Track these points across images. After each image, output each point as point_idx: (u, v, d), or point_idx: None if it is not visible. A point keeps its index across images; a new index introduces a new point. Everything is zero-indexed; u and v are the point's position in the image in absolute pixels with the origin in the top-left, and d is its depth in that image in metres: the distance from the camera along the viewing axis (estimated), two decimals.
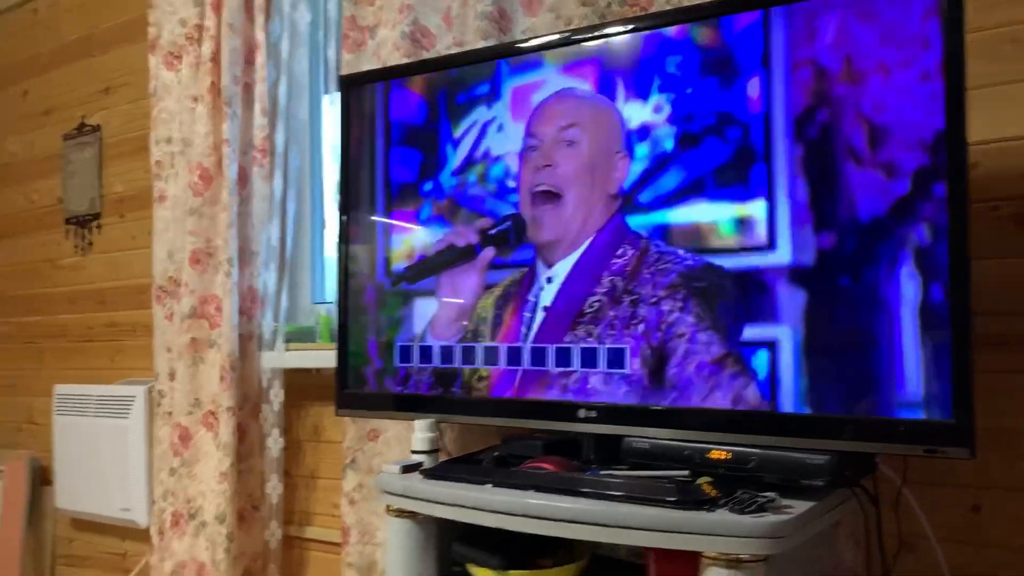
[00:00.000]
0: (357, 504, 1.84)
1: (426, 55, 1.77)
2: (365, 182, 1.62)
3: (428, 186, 1.52)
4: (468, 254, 1.45)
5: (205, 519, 2.08)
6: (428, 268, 1.50)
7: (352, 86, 1.63)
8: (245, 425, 2.08)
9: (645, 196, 1.28)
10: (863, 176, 1.12)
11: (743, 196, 1.21)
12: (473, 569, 1.27)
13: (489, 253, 1.43)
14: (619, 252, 1.29)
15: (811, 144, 1.16)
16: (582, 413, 1.30)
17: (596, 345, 1.30)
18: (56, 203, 2.84)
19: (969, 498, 1.32)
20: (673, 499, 1.07)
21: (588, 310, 1.31)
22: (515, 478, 1.23)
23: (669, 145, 1.27)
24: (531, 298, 1.38)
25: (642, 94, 1.30)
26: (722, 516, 1.04)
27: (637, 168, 1.29)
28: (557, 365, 1.34)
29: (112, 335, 2.66)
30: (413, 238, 1.54)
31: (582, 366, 1.31)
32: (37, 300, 2.90)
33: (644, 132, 1.29)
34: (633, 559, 1.32)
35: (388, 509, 1.34)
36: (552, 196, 1.36)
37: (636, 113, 1.30)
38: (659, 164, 1.27)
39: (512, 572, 1.23)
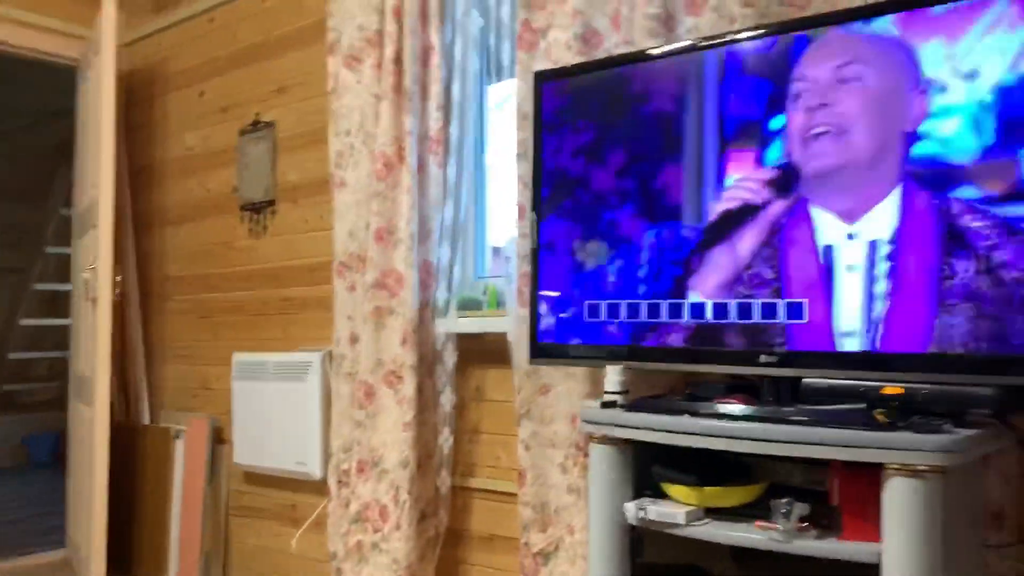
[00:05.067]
0: (532, 450, 2.08)
1: (596, 54, 2.00)
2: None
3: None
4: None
5: (387, 467, 2.36)
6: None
7: (544, 81, 1.87)
8: (421, 383, 2.35)
9: None
10: None
11: None
12: (669, 487, 1.49)
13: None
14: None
15: None
16: (763, 359, 1.51)
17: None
18: (231, 191, 3.18)
19: None
20: (861, 421, 1.27)
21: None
22: (713, 408, 1.45)
23: None
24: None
25: None
26: (904, 434, 1.24)
27: None
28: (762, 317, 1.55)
29: (284, 308, 2.97)
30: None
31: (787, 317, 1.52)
32: (213, 279, 3.25)
33: None
34: (806, 486, 1.52)
35: (592, 438, 1.57)
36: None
37: None
38: None
39: (707, 488, 1.44)
